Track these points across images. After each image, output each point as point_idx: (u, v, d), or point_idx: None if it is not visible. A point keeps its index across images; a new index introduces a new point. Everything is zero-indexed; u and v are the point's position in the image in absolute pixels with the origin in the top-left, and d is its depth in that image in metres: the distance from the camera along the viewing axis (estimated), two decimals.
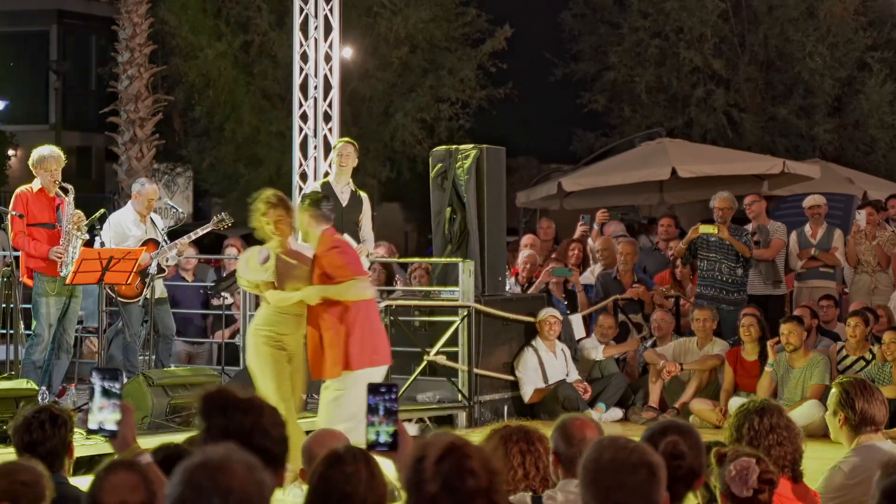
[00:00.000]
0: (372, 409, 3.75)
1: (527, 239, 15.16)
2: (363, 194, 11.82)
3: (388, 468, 3.86)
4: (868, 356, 12.12)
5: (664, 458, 3.68)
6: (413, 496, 3.35)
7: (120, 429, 3.88)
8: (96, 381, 3.89)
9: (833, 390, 5.78)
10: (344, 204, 11.47)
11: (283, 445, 3.68)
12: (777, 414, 5.11)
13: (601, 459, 3.53)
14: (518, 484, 4.85)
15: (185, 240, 11.64)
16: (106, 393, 3.88)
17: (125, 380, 9.45)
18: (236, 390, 3.70)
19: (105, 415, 3.88)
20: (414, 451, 3.41)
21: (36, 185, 10.80)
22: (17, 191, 10.93)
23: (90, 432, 3.95)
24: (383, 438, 3.74)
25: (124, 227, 11.51)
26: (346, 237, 11.23)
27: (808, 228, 14.07)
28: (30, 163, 10.88)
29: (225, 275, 13.44)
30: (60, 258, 10.56)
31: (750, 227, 13.90)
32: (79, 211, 10.82)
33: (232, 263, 14.66)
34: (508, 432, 4.98)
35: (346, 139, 12.03)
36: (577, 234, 15.40)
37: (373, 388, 3.77)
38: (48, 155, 10.75)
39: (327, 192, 11.39)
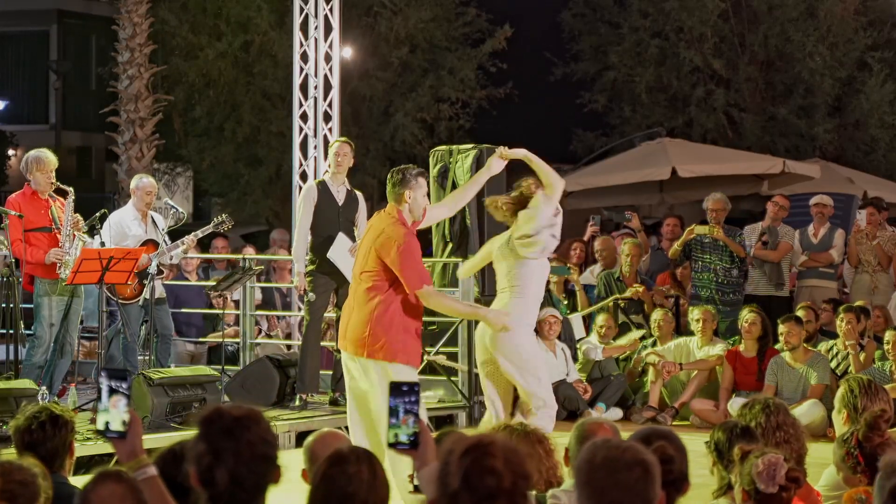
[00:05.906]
0: (392, 410, 3.72)
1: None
2: (359, 193, 11.82)
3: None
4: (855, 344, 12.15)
5: None
6: (438, 489, 3.36)
7: (128, 438, 3.81)
8: (104, 382, 3.81)
9: (840, 388, 5.81)
10: (340, 203, 11.47)
11: (276, 446, 3.71)
12: (783, 412, 5.15)
13: (595, 459, 3.52)
14: None
15: (192, 237, 11.60)
16: (114, 394, 3.81)
17: None
18: (231, 408, 3.69)
19: (111, 416, 3.82)
20: (446, 445, 3.42)
21: (27, 189, 10.77)
22: (10, 198, 10.89)
23: (97, 433, 3.88)
24: (404, 438, 3.71)
25: (124, 227, 11.48)
26: (342, 236, 11.26)
27: (811, 228, 14.03)
28: (22, 166, 10.85)
29: (225, 274, 13.40)
30: (60, 259, 10.54)
31: (761, 225, 13.88)
32: (77, 215, 10.81)
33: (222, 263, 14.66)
34: (509, 432, 4.98)
35: (343, 139, 12.02)
36: (587, 235, 15.39)
37: (394, 388, 3.73)
38: (44, 157, 10.73)
39: (323, 190, 11.41)
